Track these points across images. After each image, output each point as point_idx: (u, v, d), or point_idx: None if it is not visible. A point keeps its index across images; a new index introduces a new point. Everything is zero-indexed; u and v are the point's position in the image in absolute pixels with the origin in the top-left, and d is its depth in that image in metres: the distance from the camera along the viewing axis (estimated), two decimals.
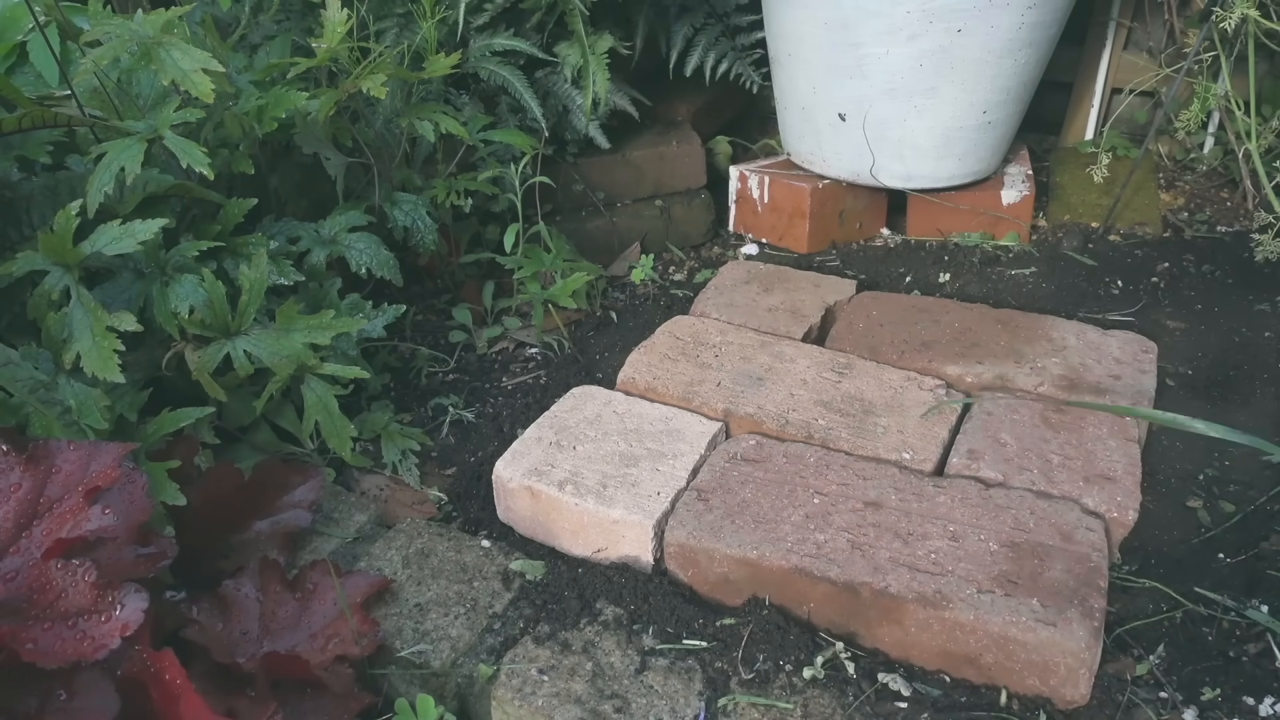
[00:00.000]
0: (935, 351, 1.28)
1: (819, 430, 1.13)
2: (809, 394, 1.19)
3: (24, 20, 1.36)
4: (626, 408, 1.19)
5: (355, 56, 1.29)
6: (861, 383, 1.21)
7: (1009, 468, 1.06)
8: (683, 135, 1.80)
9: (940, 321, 1.35)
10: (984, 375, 1.23)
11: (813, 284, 1.49)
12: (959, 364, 1.25)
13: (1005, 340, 1.29)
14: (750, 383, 1.21)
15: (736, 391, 1.20)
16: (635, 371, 1.25)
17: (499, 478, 1.10)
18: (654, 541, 1.01)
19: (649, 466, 1.08)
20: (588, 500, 1.03)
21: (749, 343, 1.30)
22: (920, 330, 1.33)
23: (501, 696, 0.87)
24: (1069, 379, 1.21)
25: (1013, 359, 1.25)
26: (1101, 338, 1.29)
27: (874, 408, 1.16)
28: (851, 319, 1.38)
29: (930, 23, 1.42)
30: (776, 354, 1.27)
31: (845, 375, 1.22)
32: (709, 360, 1.26)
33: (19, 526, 0.80)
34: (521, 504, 1.09)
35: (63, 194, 1.13)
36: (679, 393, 1.21)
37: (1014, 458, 1.07)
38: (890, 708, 0.86)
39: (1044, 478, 1.04)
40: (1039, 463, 1.06)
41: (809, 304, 1.42)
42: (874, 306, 1.41)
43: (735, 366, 1.24)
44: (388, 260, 1.32)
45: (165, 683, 0.74)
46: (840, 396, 1.18)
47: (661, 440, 1.12)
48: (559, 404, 1.20)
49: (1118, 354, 1.25)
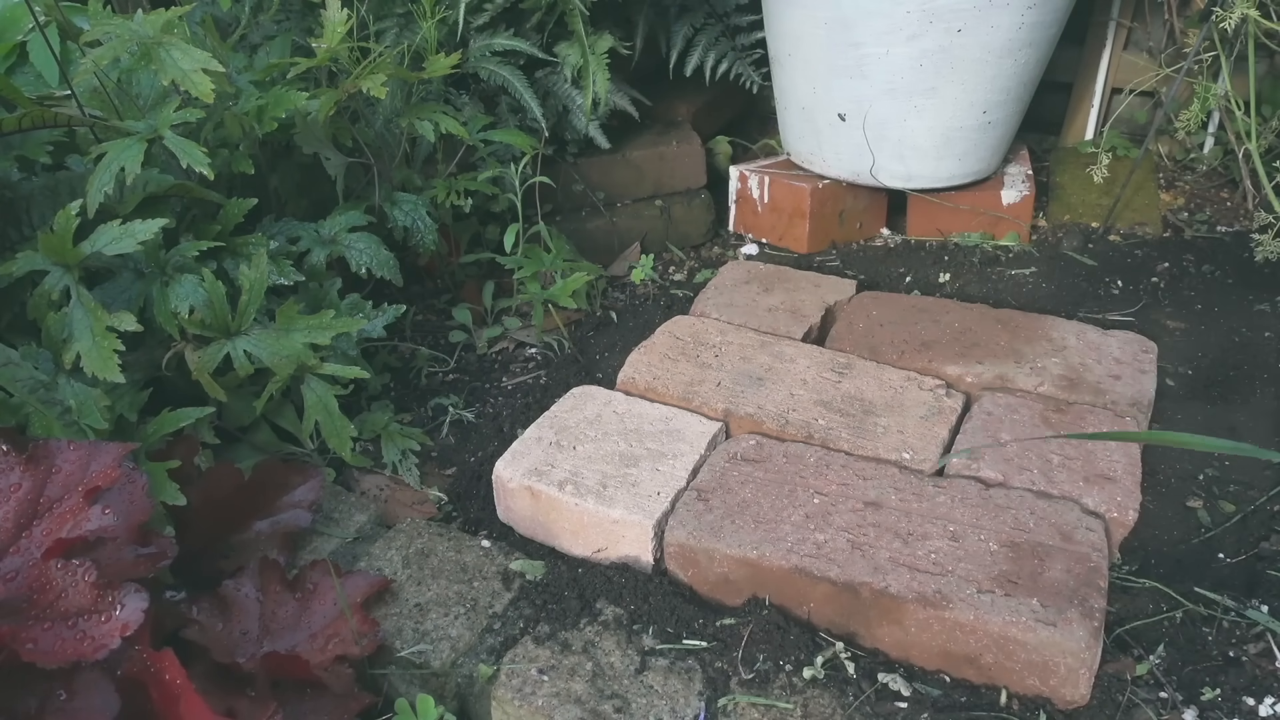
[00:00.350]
0: (935, 351, 1.28)
1: (819, 430, 1.13)
2: (809, 394, 1.19)
3: (24, 20, 1.36)
4: (627, 408, 1.19)
5: (355, 56, 1.29)
6: (861, 383, 1.21)
7: (1009, 467, 1.06)
8: (683, 135, 1.80)
9: (940, 321, 1.35)
10: (984, 375, 1.23)
11: (813, 284, 1.49)
12: (959, 364, 1.25)
13: (1005, 340, 1.29)
14: (750, 383, 1.21)
15: (736, 391, 1.20)
16: (635, 371, 1.25)
17: (499, 478, 1.10)
18: (654, 541, 1.01)
19: (649, 466, 1.08)
20: (588, 500, 1.03)
21: (749, 343, 1.30)
22: (920, 330, 1.33)
23: (501, 696, 0.87)
24: (1069, 379, 1.21)
25: (1013, 359, 1.25)
26: (1101, 338, 1.29)
27: (874, 408, 1.16)
28: (852, 319, 1.38)
29: (930, 23, 1.42)
30: (776, 354, 1.27)
31: (845, 375, 1.22)
32: (709, 360, 1.26)
33: (19, 526, 0.80)
34: (521, 504, 1.09)
35: (63, 194, 1.13)
36: (679, 393, 1.21)
37: (1014, 457, 1.07)
38: (890, 708, 0.86)
39: (1044, 477, 1.04)
40: (1039, 462, 1.06)
41: (809, 304, 1.42)
42: (874, 306, 1.41)
43: (735, 366, 1.24)
44: (388, 260, 1.32)
45: (165, 683, 0.74)
46: (840, 396, 1.18)
47: (662, 440, 1.12)
48: (559, 404, 1.20)
49: (1118, 354, 1.25)
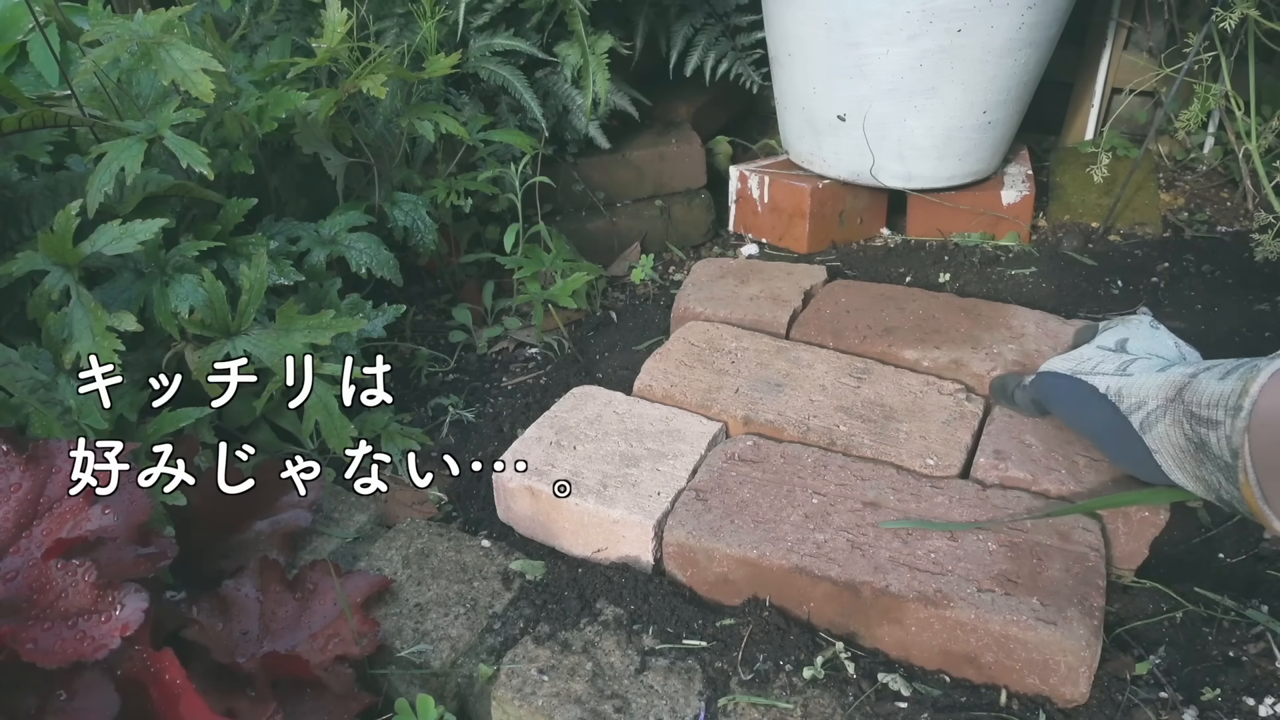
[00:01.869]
0: (896, 337, 1.29)
1: (841, 436, 1.12)
2: (828, 400, 1.19)
3: (24, 20, 1.36)
4: (627, 408, 1.19)
5: (355, 56, 1.29)
6: (881, 388, 1.21)
7: (1036, 469, 1.05)
8: (683, 135, 1.80)
9: (905, 309, 1.36)
10: (940, 360, 1.24)
11: (785, 272, 1.50)
12: (917, 349, 1.26)
13: (966, 327, 1.31)
14: (769, 389, 1.21)
15: (755, 398, 1.19)
16: (652, 379, 1.25)
17: (499, 478, 1.10)
18: (654, 541, 1.01)
19: (649, 466, 1.08)
20: (588, 500, 1.03)
21: (765, 348, 1.30)
22: (885, 316, 1.34)
23: (501, 696, 0.87)
24: (1021, 364, 1.22)
25: (970, 345, 1.26)
26: (1061, 325, 1.30)
27: (895, 413, 1.16)
28: (820, 305, 1.40)
29: (930, 23, 1.42)
30: (793, 359, 1.27)
31: (864, 380, 1.22)
32: (725, 366, 1.26)
33: (19, 526, 0.80)
34: (522, 504, 1.09)
35: (63, 194, 1.13)
36: (697, 400, 1.20)
37: (1040, 459, 1.07)
38: (890, 708, 0.86)
39: (1072, 478, 1.03)
40: (1065, 463, 1.06)
41: (787, 290, 1.44)
42: (843, 294, 1.43)
43: (752, 373, 1.24)
44: (388, 260, 1.32)
45: (165, 683, 0.74)
46: (860, 402, 1.18)
47: (662, 440, 1.12)
48: (559, 404, 1.21)
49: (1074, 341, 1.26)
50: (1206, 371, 0.77)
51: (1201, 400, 0.75)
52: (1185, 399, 0.77)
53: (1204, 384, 0.75)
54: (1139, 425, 0.83)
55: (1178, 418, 0.78)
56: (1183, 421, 0.77)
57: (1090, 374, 0.94)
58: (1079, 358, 0.98)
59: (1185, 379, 0.79)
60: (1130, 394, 0.85)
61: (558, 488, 1.05)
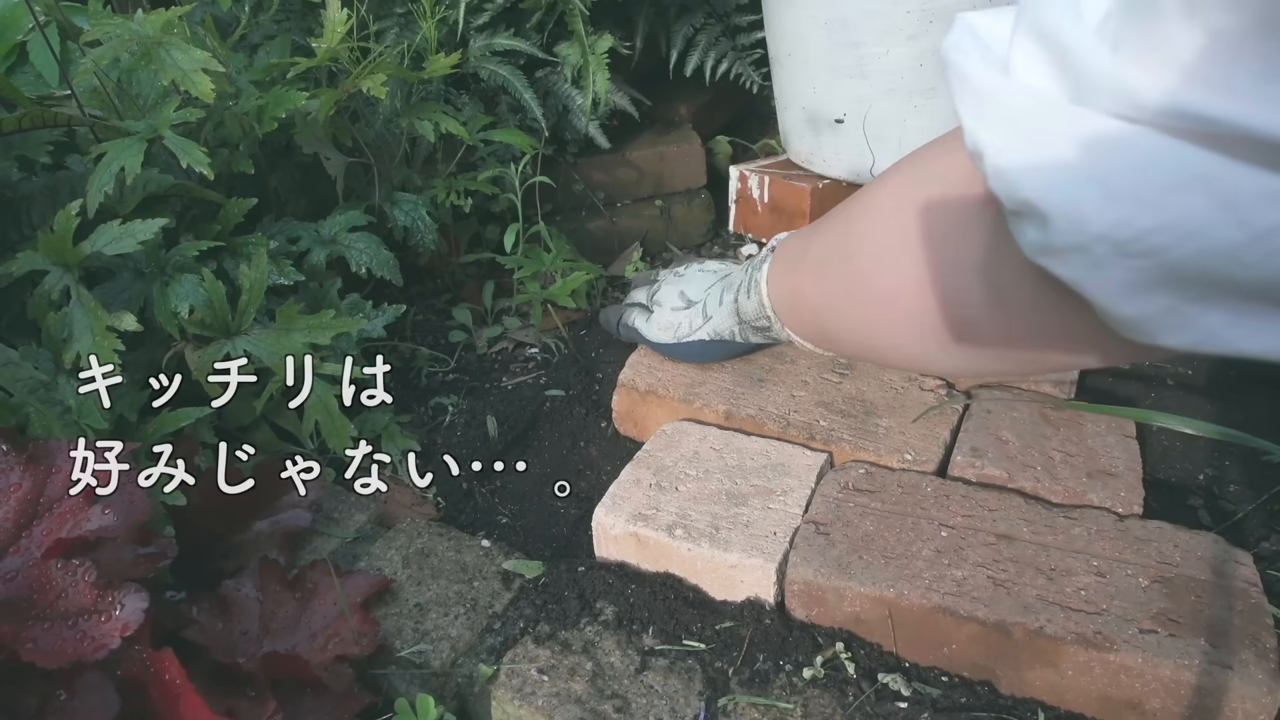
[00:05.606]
0: None
1: (820, 431, 1.13)
2: (810, 395, 1.19)
3: (24, 20, 1.36)
4: (724, 443, 1.14)
5: (355, 56, 1.29)
6: (863, 383, 1.21)
7: (1012, 465, 1.06)
8: (683, 135, 1.80)
9: None
10: None
11: None
12: None
13: None
14: (751, 384, 1.21)
15: (738, 393, 1.20)
16: (635, 374, 1.25)
17: (600, 525, 1.04)
18: (775, 587, 0.96)
19: (759, 504, 1.03)
20: (701, 545, 0.98)
21: None
22: None
23: (501, 696, 0.87)
24: (1063, 378, 1.21)
25: None
26: None
27: (875, 408, 1.16)
28: None
29: (930, 23, 1.42)
30: (776, 354, 1.27)
31: (846, 376, 1.22)
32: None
33: (19, 526, 0.80)
34: (627, 551, 1.03)
35: (63, 194, 1.13)
36: (680, 394, 1.20)
37: (1016, 455, 1.07)
38: (890, 708, 0.86)
39: (1048, 474, 1.04)
40: (1041, 459, 1.06)
41: None
42: None
43: (736, 367, 1.24)
44: (388, 260, 1.32)
45: (165, 683, 0.74)
46: (841, 397, 1.18)
47: (766, 475, 1.07)
48: (651, 442, 1.15)
49: None
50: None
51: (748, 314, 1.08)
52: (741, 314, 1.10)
53: (742, 305, 1.08)
54: (741, 336, 1.14)
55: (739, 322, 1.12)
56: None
57: (689, 335, 1.18)
58: (672, 326, 1.20)
59: (731, 304, 1.11)
60: (721, 329, 1.15)
61: (670, 533, 1.00)
